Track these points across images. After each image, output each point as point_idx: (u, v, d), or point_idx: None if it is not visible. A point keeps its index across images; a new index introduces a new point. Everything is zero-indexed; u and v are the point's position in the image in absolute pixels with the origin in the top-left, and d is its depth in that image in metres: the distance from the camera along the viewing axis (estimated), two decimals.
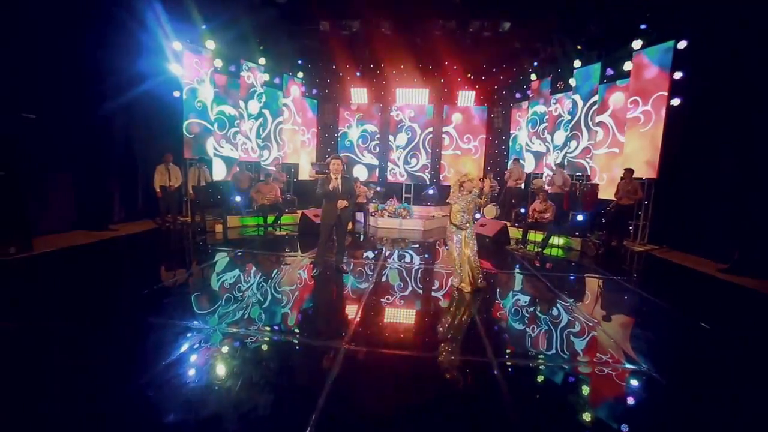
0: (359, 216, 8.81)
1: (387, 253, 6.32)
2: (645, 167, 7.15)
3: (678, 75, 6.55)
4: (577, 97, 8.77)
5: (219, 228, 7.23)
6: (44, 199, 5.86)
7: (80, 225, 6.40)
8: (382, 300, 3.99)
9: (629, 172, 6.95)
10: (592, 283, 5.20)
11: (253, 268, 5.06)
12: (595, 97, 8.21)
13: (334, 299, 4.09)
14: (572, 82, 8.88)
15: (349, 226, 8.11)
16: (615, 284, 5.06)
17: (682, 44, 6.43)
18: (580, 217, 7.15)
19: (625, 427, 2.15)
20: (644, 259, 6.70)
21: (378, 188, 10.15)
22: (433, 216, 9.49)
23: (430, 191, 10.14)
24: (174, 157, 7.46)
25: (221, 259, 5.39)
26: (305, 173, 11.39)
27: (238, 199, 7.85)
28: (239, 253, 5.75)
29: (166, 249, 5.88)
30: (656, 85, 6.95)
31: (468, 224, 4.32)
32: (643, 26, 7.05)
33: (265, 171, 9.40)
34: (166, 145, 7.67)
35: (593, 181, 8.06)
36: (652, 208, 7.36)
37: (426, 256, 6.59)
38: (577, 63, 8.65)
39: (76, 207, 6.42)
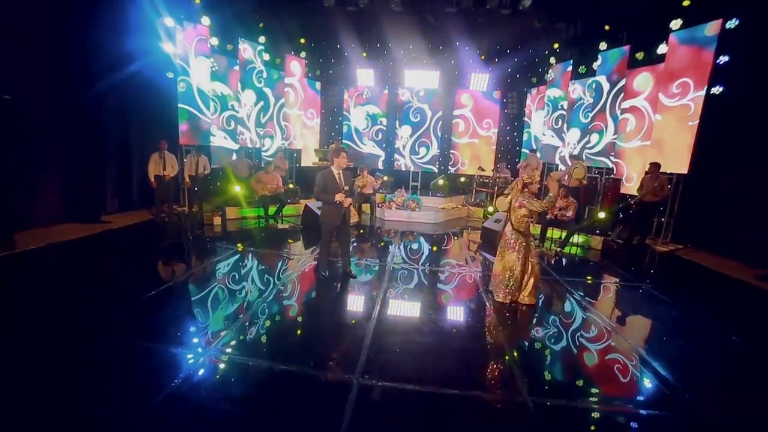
0: (365, 208, 8.41)
1: (397, 252, 5.92)
2: (675, 161, 6.63)
3: (723, 59, 5.90)
4: (602, 81, 8.05)
5: (217, 221, 6.84)
6: (29, 190, 5.46)
7: (71, 217, 6.02)
8: (395, 316, 3.62)
9: (656, 166, 6.43)
10: (623, 295, 4.76)
11: (251, 275, 4.60)
12: (622, 82, 7.57)
13: (342, 316, 3.64)
14: (596, 66, 8.23)
15: (355, 218, 7.73)
16: (648, 296, 4.61)
17: (731, 23, 5.74)
18: (602, 215, 6.69)
19: None
20: (670, 261, 6.27)
21: (385, 177, 9.65)
22: (443, 208, 9.05)
23: (440, 182, 9.64)
24: (169, 144, 6.99)
25: (218, 262, 4.96)
26: (309, 159, 10.89)
27: (237, 189, 7.41)
28: (237, 255, 5.34)
29: (159, 247, 5.43)
30: (694, 71, 6.31)
31: (529, 229, 3.91)
32: (684, 2, 6.35)
33: (266, 160, 8.92)
34: (161, 130, 7.19)
35: (616, 177, 7.54)
36: (678, 206, 6.89)
37: (441, 256, 6.19)
38: (603, 45, 7.98)
39: (66, 198, 6.01)
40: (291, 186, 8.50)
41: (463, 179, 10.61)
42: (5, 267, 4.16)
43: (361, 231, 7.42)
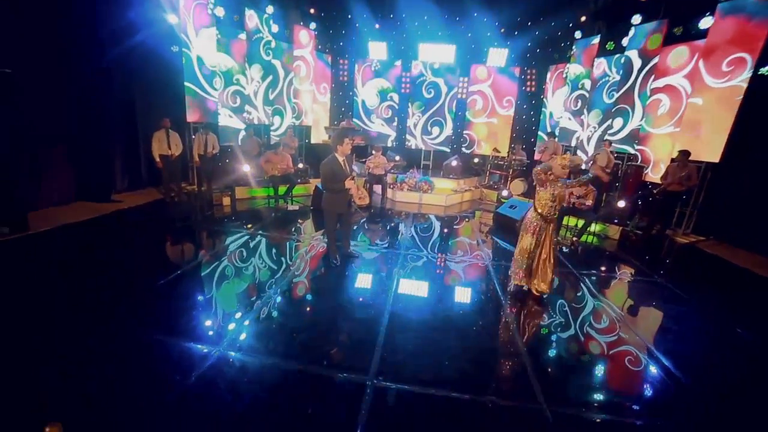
0: (377, 188, 8.25)
1: (409, 237, 5.81)
2: (706, 149, 6.25)
3: None
4: (633, 56, 7.42)
5: (227, 201, 6.76)
6: (39, 169, 5.40)
7: (82, 196, 6.00)
8: (408, 310, 3.55)
9: (685, 154, 6.09)
10: (640, 291, 4.61)
11: (261, 263, 4.52)
12: (655, 60, 7.01)
13: (353, 311, 3.52)
14: (626, 41, 7.65)
15: (366, 200, 7.60)
16: (666, 292, 4.49)
17: None
18: (621, 204, 6.44)
19: None
20: (691, 254, 6.06)
21: (397, 157, 9.40)
22: (455, 191, 8.83)
23: (453, 162, 9.35)
24: (176, 121, 6.79)
25: (227, 247, 4.93)
26: (319, 136, 10.63)
27: (246, 168, 7.28)
28: (247, 239, 5.28)
29: (170, 230, 5.40)
30: (741, 48, 5.71)
31: (555, 215, 3.69)
32: None
33: (275, 140, 8.68)
34: (167, 107, 6.98)
35: (639, 164, 7.16)
36: (704, 196, 6.57)
37: (453, 243, 6.07)
38: (636, 18, 7.37)
39: (76, 177, 5.96)
40: (301, 166, 8.33)
41: (476, 160, 10.28)
42: (19, 250, 4.17)
43: (372, 212, 7.31)
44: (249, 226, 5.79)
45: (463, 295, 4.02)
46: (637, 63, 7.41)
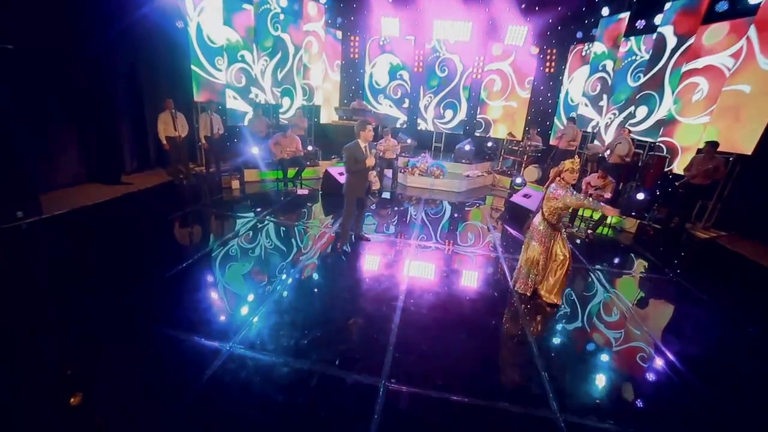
0: (387, 172, 8.10)
1: (420, 226, 5.71)
2: (738, 140, 5.92)
3: None
4: (667, 32, 6.83)
5: (235, 184, 6.70)
6: (49, 151, 5.36)
7: (92, 178, 5.98)
8: (419, 307, 3.50)
9: (713, 146, 5.79)
10: (654, 289, 4.51)
11: (271, 253, 4.48)
12: (691, 40, 6.50)
13: (364, 307, 3.46)
14: (659, 18, 7.12)
15: (377, 185, 7.49)
16: (685, 292, 4.39)
17: None
18: (641, 196, 6.21)
19: None
20: (710, 250, 5.86)
21: (409, 140, 9.18)
22: (468, 176, 8.63)
23: (466, 147, 9.08)
24: (183, 101, 6.63)
25: (236, 235, 4.87)
26: (329, 116, 10.39)
27: (255, 150, 7.16)
28: (257, 226, 5.24)
29: (179, 215, 5.32)
30: None
31: (562, 225, 3.59)
32: None
33: (283, 123, 8.48)
34: (173, 86, 6.81)
35: (662, 153, 6.83)
36: (729, 190, 6.29)
37: (466, 233, 5.96)
38: None
39: (86, 159, 5.91)
40: (310, 148, 8.17)
41: (490, 144, 9.99)
42: (33, 234, 4.19)
43: (382, 197, 7.21)
44: (258, 210, 5.76)
45: (474, 292, 3.96)
46: (671, 40, 6.84)
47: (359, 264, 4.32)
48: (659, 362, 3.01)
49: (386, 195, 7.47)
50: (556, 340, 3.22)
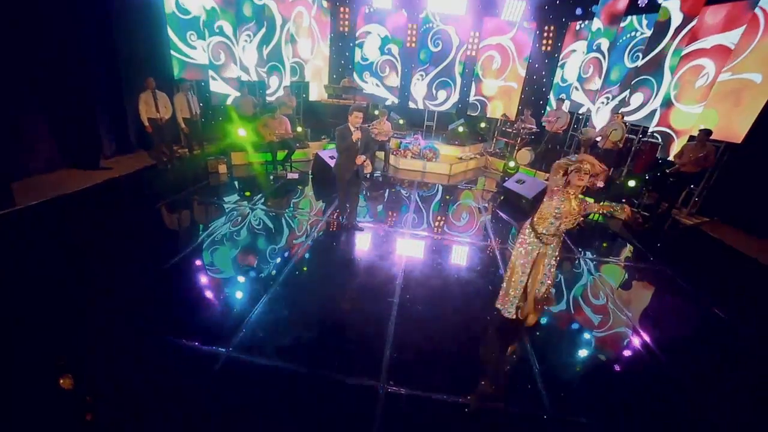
0: (379, 154, 7.91)
1: (414, 213, 5.65)
2: (728, 128, 5.95)
3: None
4: (672, 6, 6.48)
5: (222, 168, 6.43)
6: (20, 135, 4.97)
7: (68, 163, 5.63)
8: (417, 305, 3.48)
9: (706, 133, 5.83)
10: (640, 276, 4.62)
11: (262, 244, 4.38)
12: (693, 23, 6.32)
13: (359, 305, 3.42)
14: None
15: (369, 168, 7.35)
16: (668, 280, 4.52)
17: None
18: (632, 183, 6.26)
19: None
20: (694, 237, 6.00)
21: (401, 121, 8.93)
22: (461, 158, 8.53)
23: (460, 128, 8.90)
24: (162, 80, 6.18)
25: (224, 226, 4.69)
26: (318, 93, 9.97)
27: (242, 132, 6.84)
28: (247, 215, 5.08)
29: (163, 204, 5.02)
30: None
31: (555, 238, 2.92)
32: None
33: (269, 105, 8.07)
34: (152, 62, 6.34)
35: (655, 140, 6.83)
36: (716, 177, 6.39)
37: (460, 221, 5.94)
38: None
39: (61, 142, 5.53)
40: (300, 130, 7.86)
41: (483, 125, 9.81)
42: (5, 228, 3.94)
43: (375, 176, 7.10)
44: (248, 197, 5.59)
45: (470, 285, 3.98)
46: (677, 17, 6.49)
47: (353, 257, 4.27)
48: (636, 343, 3.13)
49: (377, 174, 7.36)
50: (550, 335, 3.29)
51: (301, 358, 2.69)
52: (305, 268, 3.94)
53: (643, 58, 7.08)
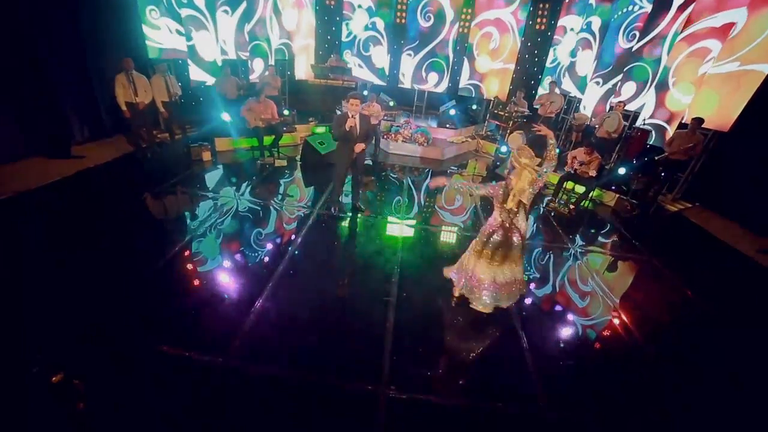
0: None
1: (407, 202, 5.56)
2: (716, 116, 5.99)
3: None
4: None
5: (207, 156, 6.12)
6: None
7: (36, 150, 5.22)
8: (414, 301, 3.49)
9: (698, 122, 5.86)
10: (626, 267, 4.76)
11: (253, 243, 4.19)
12: (693, 6, 6.12)
13: (356, 306, 3.37)
14: None
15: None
16: (652, 270, 4.64)
17: None
18: (622, 170, 6.31)
19: None
20: (677, 225, 6.14)
21: (391, 102, 8.63)
22: (452, 142, 8.39)
23: (452, 111, 8.68)
24: (135, 58, 5.69)
25: (213, 224, 4.46)
26: (303, 70, 9.48)
27: (225, 116, 6.48)
28: (234, 209, 4.89)
29: (145, 198, 4.72)
30: None
31: (519, 210, 2.99)
32: None
33: (254, 84, 7.62)
34: (123, 37, 5.82)
35: (646, 127, 6.83)
36: (701, 165, 6.50)
37: (455, 210, 5.89)
38: None
39: (25, 128, 5.09)
40: (286, 113, 7.51)
41: (474, 107, 9.59)
42: None
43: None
44: (235, 189, 5.37)
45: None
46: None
47: (347, 253, 4.20)
48: (618, 327, 3.25)
49: (368, 162, 7.17)
50: (546, 333, 3.36)
51: (299, 365, 2.66)
52: (299, 268, 3.83)
53: (640, 39, 6.92)
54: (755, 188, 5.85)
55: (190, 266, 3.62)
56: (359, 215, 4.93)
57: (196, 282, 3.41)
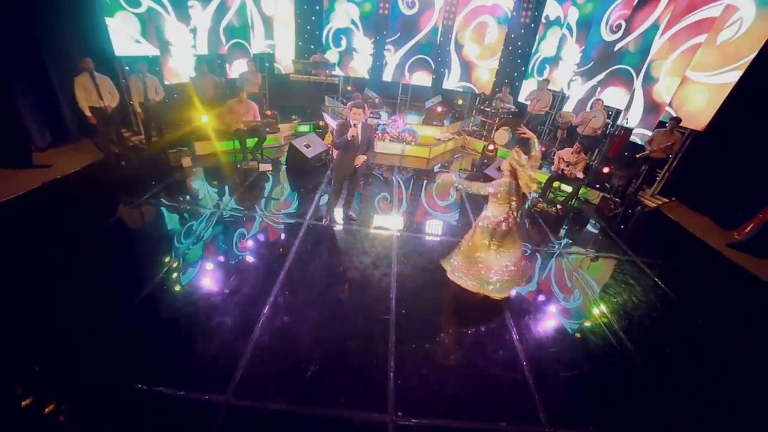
0: None
1: (398, 208, 5.48)
2: (694, 116, 6.20)
3: None
4: None
5: (187, 162, 5.80)
6: None
7: None
8: (415, 324, 3.40)
9: (676, 121, 6.04)
10: (609, 266, 4.89)
11: (240, 262, 3.99)
12: None
13: (355, 327, 3.27)
14: None
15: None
16: (634, 269, 4.80)
17: None
18: (606, 170, 6.45)
19: None
20: (655, 221, 6.36)
21: (377, 99, 8.43)
22: (439, 139, 8.32)
23: (438, 109, 8.55)
24: (99, 58, 5.21)
25: (200, 241, 4.20)
26: (284, 63, 9.07)
27: (204, 119, 6.13)
28: (222, 223, 4.66)
29: (122, 214, 4.41)
30: None
31: (506, 204, 3.39)
32: None
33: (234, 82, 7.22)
34: (83, 34, 5.32)
35: (629, 126, 6.97)
36: (678, 162, 6.73)
37: (447, 218, 5.85)
38: None
39: None
40: (269, 113, 7.19)
41: (460, 102, 9.50)
42: None
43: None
44: (219, 200, 5.12)
45: (467, 298, 3.94)
46: None
47: (341, 269, 4.05)
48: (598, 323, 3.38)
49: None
50: (538, 334, 3.43)
51: (305, 399, 2.59)
52: (293, 288, 3.68)
53: (624, 34, 6.98)
54: (723, 184, 6.15)
55: (177, 293, 3.41)
56: (352, 225, 4.82)
57: (186, 312, 3.22)
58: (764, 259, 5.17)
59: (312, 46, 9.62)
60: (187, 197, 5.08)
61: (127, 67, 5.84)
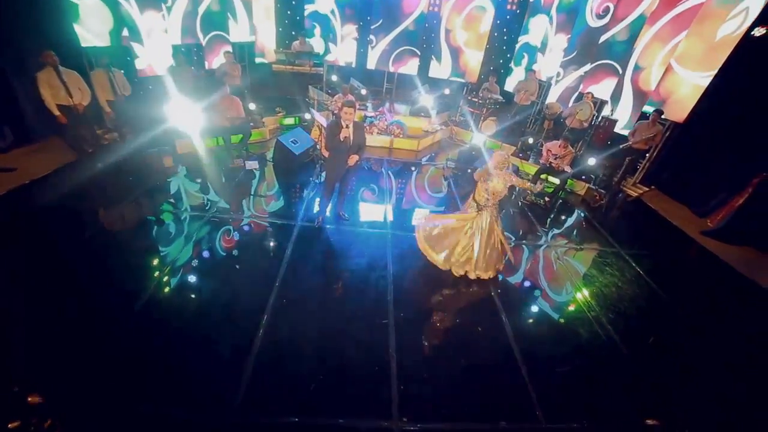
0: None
1: (391, 206, 5.45)
2: (673, 108, 6.35)
3: None
4: None
5: (169, 162, 5.53)
6: None
7: None
8: (413, 326, 3.43)
9: (658, 113, 6.20)
10: (593, 258, 5.05)
11: (235, 271, 3.80)
12: None
13: (357, 329, 3.27)
14: None
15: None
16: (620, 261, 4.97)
17: None
18: (592, 161, 6.56)
19: None
20: (636, 210, 6.56)
21: (363, 91, 8.22)
22: (426, 131, 8.24)
23: (427, 102, 8.42)
24: (64, 51, 4.77)
25: (187, 250, 4.00)
26: (266, 54, 8.69)
27: (184, 114, 5.81)
28: (210, 229, 4.46)
29: (103, 228, 4.13)
30: None
31: (490, 207, 3.83)
32: None
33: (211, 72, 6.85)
34: (38, 22, 4.82)
35: (613, 117, 7.09)
36: (658, 152, 6.93)
37: (440, 203, 5.85)
38: None
39: None
40: (253, 107, 6.89)
41: (447, 91, 9.37)
42: None
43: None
44: (206, 204, 4.93)
45: (467, 293, 4.00)
46: None
47: (337, 273, 4.00)
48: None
49: None
50: (532, 327, 3.54)
51: (310, 411, 2.59)
52: (290, 296, 3.59)
53: (612, 22, 7.01)
54: (699, 174, 6.38)
55: (168, 310, 3.25)
56: (344, 225, 4.76)
57: (182, 328, 3.12)
58: (736, 245, 5.43)
59: (293, 32, 9.21)
60: (171, 202, 4.84)
61: (88, 62, 5.41)
